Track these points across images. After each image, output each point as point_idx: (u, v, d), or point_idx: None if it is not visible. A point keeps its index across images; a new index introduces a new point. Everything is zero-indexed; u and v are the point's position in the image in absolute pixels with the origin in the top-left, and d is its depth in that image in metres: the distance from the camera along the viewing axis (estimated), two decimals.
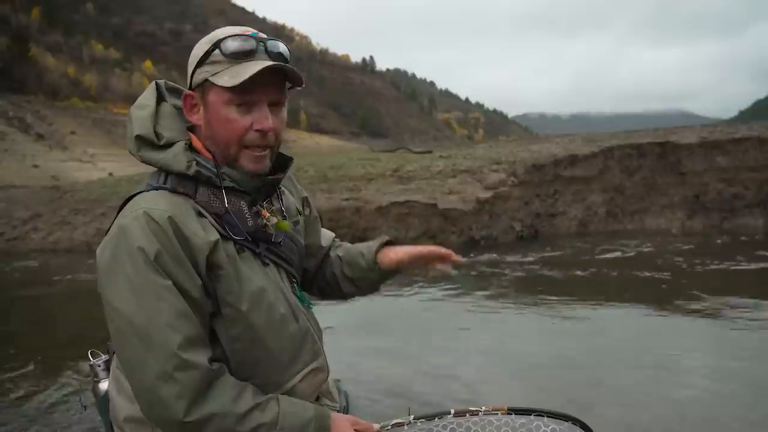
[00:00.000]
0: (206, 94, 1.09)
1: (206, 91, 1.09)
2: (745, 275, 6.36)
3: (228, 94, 1.06)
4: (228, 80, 1.05)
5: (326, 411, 1.13)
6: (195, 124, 1.14)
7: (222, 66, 1.07)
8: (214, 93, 1.08)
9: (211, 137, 1.11)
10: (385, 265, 1.33)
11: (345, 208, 9.98)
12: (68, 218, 12.08)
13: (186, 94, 1.12)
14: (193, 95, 1.11)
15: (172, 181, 1.09)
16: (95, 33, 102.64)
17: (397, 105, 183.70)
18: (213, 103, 1.08)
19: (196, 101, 1.11)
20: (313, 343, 1.19)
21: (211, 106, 1.09)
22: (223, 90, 1.06)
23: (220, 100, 1.07)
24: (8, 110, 47.47)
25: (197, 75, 1.09)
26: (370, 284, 1.39)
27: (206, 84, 1.08)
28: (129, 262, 0.99)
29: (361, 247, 1.39)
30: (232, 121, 1.08)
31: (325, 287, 1.43)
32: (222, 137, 1.09)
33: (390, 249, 1.35)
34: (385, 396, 3.05)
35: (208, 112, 1.10)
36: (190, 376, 0.97)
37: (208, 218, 1.07)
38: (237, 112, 1.08)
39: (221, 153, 1.11)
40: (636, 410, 2.84)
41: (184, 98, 1.12)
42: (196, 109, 1.12)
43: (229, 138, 1.09)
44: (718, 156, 10.53)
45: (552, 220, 10.37)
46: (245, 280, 1.07)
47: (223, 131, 1.09)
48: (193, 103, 1.12)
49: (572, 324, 4.51)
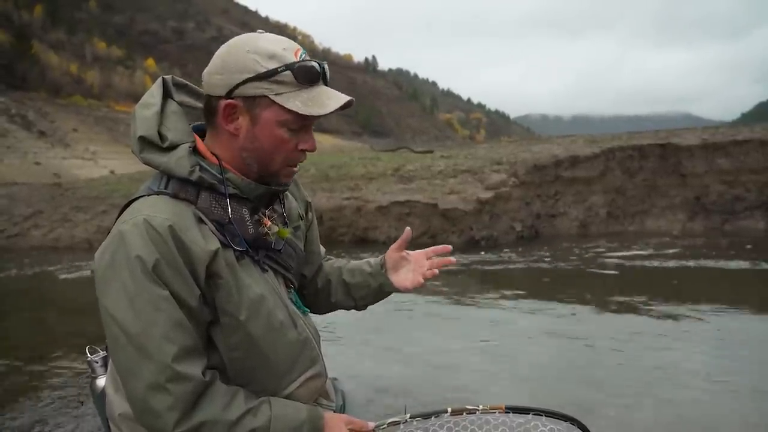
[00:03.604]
0: (258, 109, 1.06)
1: (259, 106, 1.06)
2: (745, 277, 6.35)
3: (288, 116, 1.06)
4: (302, 107, 1.05)
5: (319, 411, 1.13)
6: (232, 133, 1.09)
7: (288, 88, 1.05)
8: (272, 111, 1.06)
9: (254, 150, 1.09)
10: (390, 262, 1.37)
11: (346, 207, 9.98)
12: (69, 216, 12.10)
13: (229, 103, 1.06)
14: (236, 105, 1.06)
15: (174, 186, 1.07)
16: (98, 31, 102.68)
17: (398, 105, 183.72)
18: (267, 120, 1.06)
19: (238, 111, 1.07)
20: (311, 349, 1.19)
21: (264, 122, 1.06)
22: (285, 112, 1.05)
23: (277, 120, 1.06)
24: (11, 107, 47.53)
25: (250, 88, 1.05)
26: (364, 292, 1.39)
27: (263, 100, 1.05)
28: (127, 270, 0.98)
29: (366, 259, 1.43)
30: (285, 142, 1.08)
31: (312, 295, 1.42)
32: (268, 153, 1.09)
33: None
34: (382, 395, 3.05)
35: (256, 126, 1.07)
36: (182, 388, 0.97)
37: (209, 225, 1.06)
38: (287, 132, 1.08)
39: (261, 166, 1.10)
40: (635, 411, 2.84)
41: (224, 106, 1.06)
42: (236, 119, 1.08)
43: (276, 156, 1.09)
44: (720, 158, 10.52)
45: (553, 220, 10.36)
46: (244, 288, 1.06)
47: (272, 149, 1.08)
48: (234, 113, 1.07)
49: (572, 324, 4.51)
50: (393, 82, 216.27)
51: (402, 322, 4.77)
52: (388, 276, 1.36)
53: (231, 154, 1.11)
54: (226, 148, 1.11)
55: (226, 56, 1.07)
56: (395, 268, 1.37)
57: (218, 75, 1.06)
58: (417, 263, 1.36)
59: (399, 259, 1.36)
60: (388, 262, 1.37)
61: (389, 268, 1.37)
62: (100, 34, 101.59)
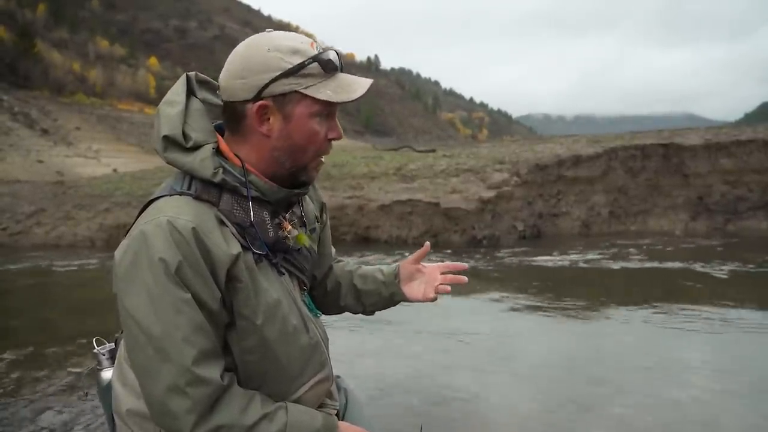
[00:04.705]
0: (290, 106, 1.06)
1: (290, 103, 1.06)
2: (746, 277, 6.34)
3: (318, 107, 1.07)
4: (333, 96, 1.06)
5: (334, 420, 1.13)
6: (264, 134, 1.09)
7: (315, 80, 1.06)
8: (303, 105, 1.06)
9: (287, 148, 1.09)
10: (404, 272, 1.37)
11: (348, 206, 9.98)
12: (72, 214, 12.12)
13: (261, 105, 1.06)
14: (267, 105, 1.06)
15: (197, 187, 1.06)
16: (101, 29, 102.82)
17: (401, 104, 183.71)
18: (300, 115, 1.07)
19: (269, 111, 1.07)
20: (320, 354, 1.19)
21: (297, 118, 1.07)
22: (315, 103, 1.06)
23: (309, 112, 1.07)
24: (14, 105, 47.65)
25: (279, 86, 1.05)
26: (374, 299, 1.40)
27: (293, 95, 1.06)
28: (149, 271, 0.98)
29: (378, 266, 1.43)
30: (317, 133, 1.09)
31: (321, 296, 1.42)
32: (302, 148, 1.09)
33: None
34: (384, 395, 3.05)
35: (290, 123, 1.07)
36: (201, 391, 0.97)
37: (230, 228, 1.05)
38: (318, 123, 1.08)
39: (293, 162, 1.10)
40: (637, 410, 2.84)
41: (257, 109, 1.06)
42: (267, 119, 1.08)
43: (310, 148, 1.10)
44: (723, 158, 10.51)
45: (555, 220, 10.35)
46: (262, 292, 1.06)
47: (307, 143, 1.09)
48: (265, 113, 1.07)
49: (573, 324, 4.51)
50: (395, 81, 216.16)
51: (403, 321, 4.77)
52: (400, 286, 1.36)
53: (258, 155, 1.10)
54: (253, 150, 1.10)
55: (247, 59, 1.06)
56: (409, 279, 1.37)
57: (240, 80, 1.06)
58: (430, 276, 1.36)
59: (414, 271, 1.37)
60: (402, 273, 1.37)
61: (402, 279, 1.37)
62: (102, 33, 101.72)
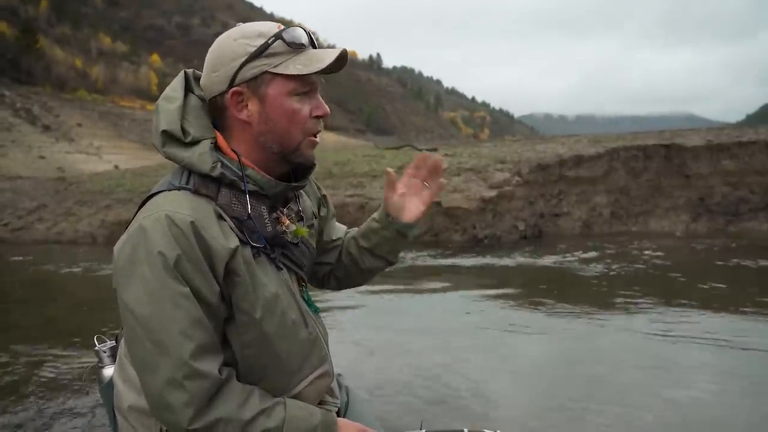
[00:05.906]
0: (263, 87, 1.07)
1: (262, 85, 1.07)
2: (747, 278, 6.33)
3: (293, 84, 1.07)
4: (303, 69, 1.06)
5: (333, 417, 1.13)
6: (245, 121, 1.09)
7: (284, 57, 1.06)
8: (276, 85, 1.07)
9: (270, 131, 1.09)
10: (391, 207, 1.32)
11: (349, 204, 9.99)
12: (73, 209, 12.14)
13: (235, 91, 1.07)
14: (242, 91, 1.07)
15: (195, 182, 1.07)
16: (103, 26, 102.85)
17: (403, 103, 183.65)
18: (274, 96, 1.07)
19: (245, 97, 1.08)
20: (320, 348, 1.19)
21: (272, 99, 1.07)
22: (288, 80, 1.06)
23: (283, 91, 1.07)
24: (15, 101, 47.70)
25: (248, 70, 1.06)
26: (387, 247, 1.35)
27: (264, 77, 1.06)
28: (148, 265, 0.98)
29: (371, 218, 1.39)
30: (297, 112, 1.08)
31: (344, 274, 1.41)
32: (285, 129, 1.09)
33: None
34: (385, 393, 3.06)
35: (266, 106, 1.08)
36: (199, 385, 0.97)
37: (228, 222, 1.06)
38: (298, 101, 1.08)
39: (282, 145, 1.10)
40: (636, 411, 2.84)
41: (231, 95, 1.07)
42: (245, 106, 1.09)
43: (294, 129, 1.09)
44: (724, 159, 10.49)
45: (556, 220, 10.34)
46: (260, 286, 1.07)
47: (287, 123, 1.08)
48: (242, 100, 1.08)
49: (574, 324, 4.51)
50: (397, 79, 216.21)
51: (402, 320, 4.77)
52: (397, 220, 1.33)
53: (247, 146, 1.11)
54: (241, 142, 1.11)
55: (217, 52, 1.09)
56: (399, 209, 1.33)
57: (215, 73, 1.08)
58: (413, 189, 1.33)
59: (397, 199, 1.33)
60: (390, 209, 1.33)
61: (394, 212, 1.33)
62: (105, 29, 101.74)
